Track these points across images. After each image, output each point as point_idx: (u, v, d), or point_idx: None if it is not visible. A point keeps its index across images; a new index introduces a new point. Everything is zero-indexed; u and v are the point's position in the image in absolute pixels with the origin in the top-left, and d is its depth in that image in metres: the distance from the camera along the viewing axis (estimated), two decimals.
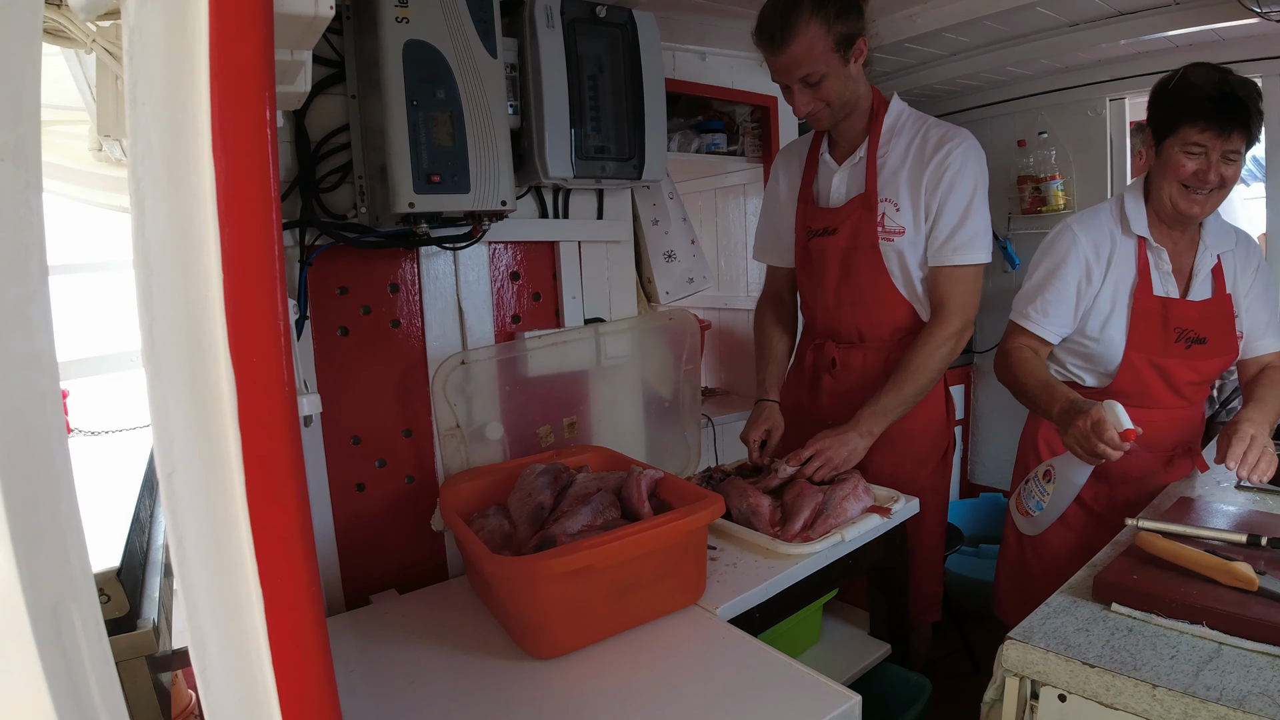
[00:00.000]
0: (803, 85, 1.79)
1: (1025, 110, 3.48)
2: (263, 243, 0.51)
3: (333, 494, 1.73)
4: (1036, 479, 1.69)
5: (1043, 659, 1.10)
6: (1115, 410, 1.44)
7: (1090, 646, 1.10)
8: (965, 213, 1.81)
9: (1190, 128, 1.60)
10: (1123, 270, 1.75)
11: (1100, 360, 1.79)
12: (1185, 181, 1.64)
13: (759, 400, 2.07)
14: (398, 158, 1.52)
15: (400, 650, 1.43)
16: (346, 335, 1.74)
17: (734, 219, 3.24)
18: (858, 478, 1.78)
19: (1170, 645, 1.10)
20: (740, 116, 2.92)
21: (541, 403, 1.94)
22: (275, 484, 0.53)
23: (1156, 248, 1.74)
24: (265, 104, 0.52)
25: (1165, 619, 1.15)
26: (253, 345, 0.51)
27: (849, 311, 1.96)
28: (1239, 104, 1.56)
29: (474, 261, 1.87)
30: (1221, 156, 1.60)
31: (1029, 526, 1.75)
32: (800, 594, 1.60)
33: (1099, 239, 1.77)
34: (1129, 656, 1.07)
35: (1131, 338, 1.73)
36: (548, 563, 1.24)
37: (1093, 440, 1.46)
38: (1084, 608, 1.22)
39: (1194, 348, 1.73)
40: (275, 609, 0.54)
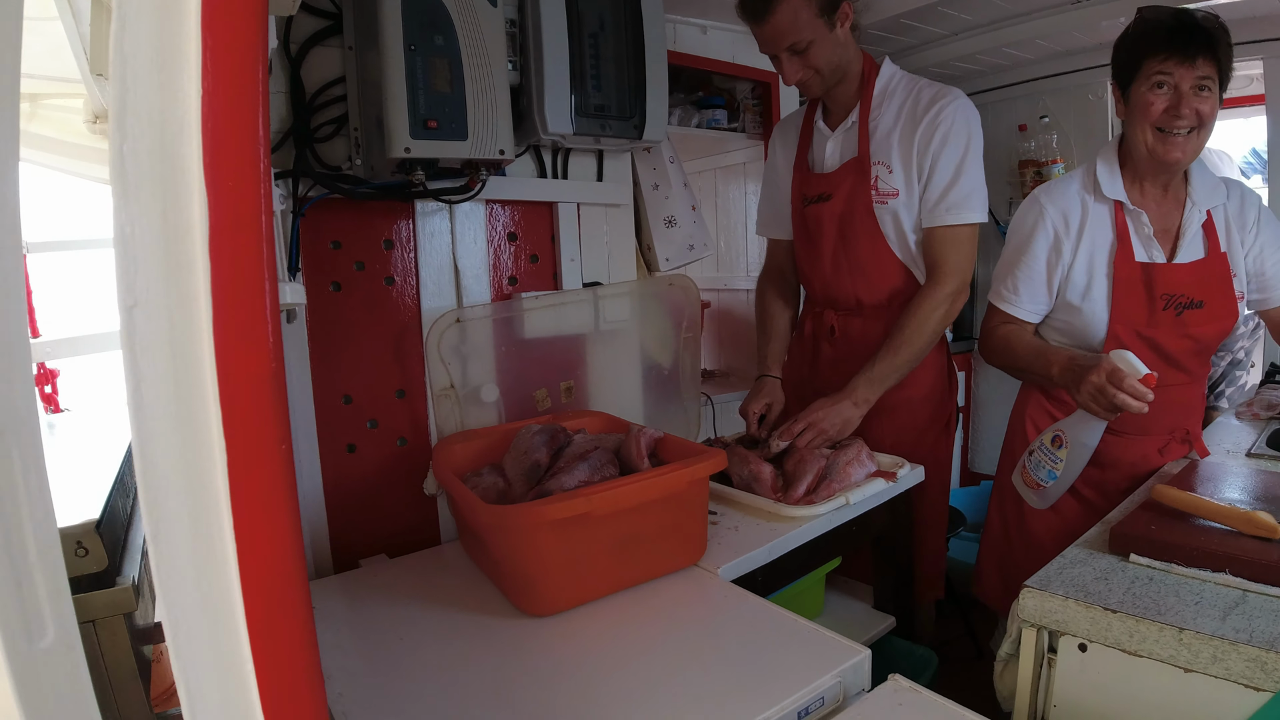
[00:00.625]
0: (790, 54, 1.76)
1: (1026, 95, 3.44)
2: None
3: (322, 454, 1.68)
4: (1044, 447, 1.59)
5: (1062, 606, 1.06)
6: (1127, 358, 1.36)
7: (1110, 594, 1.06)
8: (958, 170, 1.77)
9: (1152, 59, 1.51)
10: (1098, 238, 1.65)
11: (1083, 335, 1.69)
12: (1158, 124, 1.53)
13: (760, 375, 2.04)
14: (394, 102, 1.47)
15: (390, 609, 1.39)
16: (339, 291, 1.69)
17: (734, 199, 3.20)
18: (861, 443, 1.74)
19: (1193, 592, 1.06)
20: (741, 93, 2.88)
21: (538, 365, 1.90)
22: (248, 327, 0.48)
23: (1134, 210, 1.63)
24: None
25: (1186, 568, 1.11)
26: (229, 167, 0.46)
27: (846, 278, 1.93)
28: (1199, 29, 1.47)
29: (471, 220, 1.82)
30: (1192, 89, 1.49)
31: (1039, 499, 1.64)
32: (804, 558, 1.55)
33: (1068, 207, 1.68)
34: (1152, 603, 1.03)
35: (1115, 309, 1.63)
36: (543, 508, 1.19)
37: (1110, 392, 1.37)
38: (1101, 559, 1.18)
39: (1186, 314, 1.62)
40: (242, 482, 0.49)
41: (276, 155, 1.59)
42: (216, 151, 0.47)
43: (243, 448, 0.48)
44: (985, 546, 1.95)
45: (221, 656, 0.50)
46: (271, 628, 0.50)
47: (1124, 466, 1.69)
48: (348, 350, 1.71)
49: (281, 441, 0.51)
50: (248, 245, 0.48)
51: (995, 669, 1.21)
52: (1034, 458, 1.61)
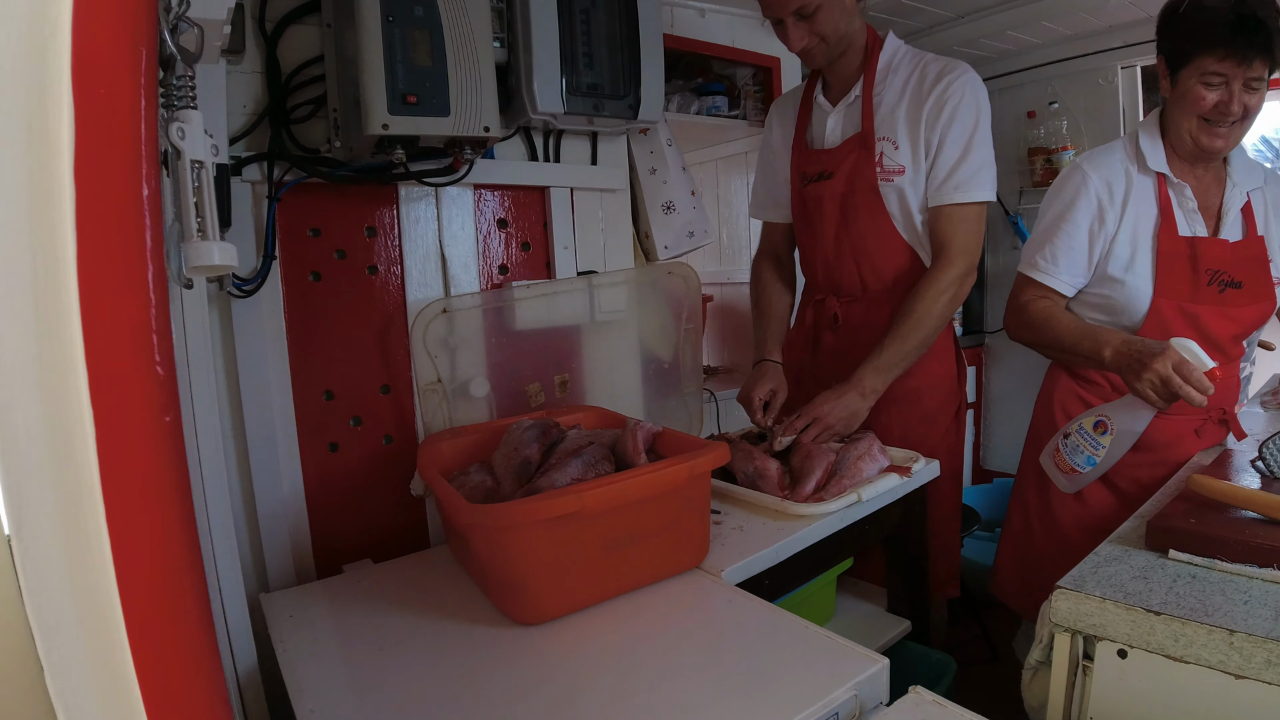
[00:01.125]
0: (796, 18, 1.68)
1: (1035, 81, 3.35)
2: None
3: (303, 453, 1.60)
4: (1084, 432, 1.51)
5: (1099, 609, 0.96)
6: (1191, 348, 1.30)
7: (1152, 594, 0.97)
8: (967, 147, 1.68)
9: (1207, 57, 1.45)
10: (1142, 210, 1.60)
11: (1124, 310, 1.62)
12: (1206, 115, 1.50)
13: (759, 361, 1.93)
14: (371, 76, 1.38)
15: (371, 616, 1.30)
16: (319, 281, 1.60)
17: (737, 189, 3.11)
18: (872, 437, 1.64)
19: (1241, 590, 0.96)
20: (742, 79, 2.79)
21: (531, 358, 1.80)
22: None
23: (1178, 184, 1.58)
24: None
25: (1231, 563, 1.02)
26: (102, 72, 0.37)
27: (850, 261, 1.83)
28: (1259, 26, 1.40)
29: (458, 206, 1.73)
30: (1244, 85, 1.45)
31: (1069, 484, 1.57)
32: (814, 560, 1.46)
33: (1112, 177, 1.62)
34: (1197, 603, 0.94)
35: (1159, 282, 1.57)
36: (530, 506, 1.10)
37: (1176, 383, 1.31)
38: (1137, 556, 1.08)
39: (1228, 292, 1.56)
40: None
41: (252, 137, 1.52)
42: (86, 54, 0.38)
43: (116, 420, 0.39)
44: (1004, 542, 1.86)
45: (103, 676, 0.41)
46: (159, 638, 0.41)
47: (1159, 449, 1.61)
48: (329, 344, 1.62)
49: (164, 412, 0.42)
50: (120, 169, 0.39)
51: (1024, 677, 1.12)
52: (1070, 441, 1.52)
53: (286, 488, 1.58)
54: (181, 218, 0.72)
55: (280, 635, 1.25)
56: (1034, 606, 1.68)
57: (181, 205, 0.72)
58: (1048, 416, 1.78)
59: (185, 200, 0.72)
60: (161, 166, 0.74)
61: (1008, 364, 3.60)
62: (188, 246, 0.71)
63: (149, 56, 0.45)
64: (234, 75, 1.49)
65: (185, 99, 0.78)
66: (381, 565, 1.53)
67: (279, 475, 1.57)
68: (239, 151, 1.50)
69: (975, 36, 2.97)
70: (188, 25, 0.82)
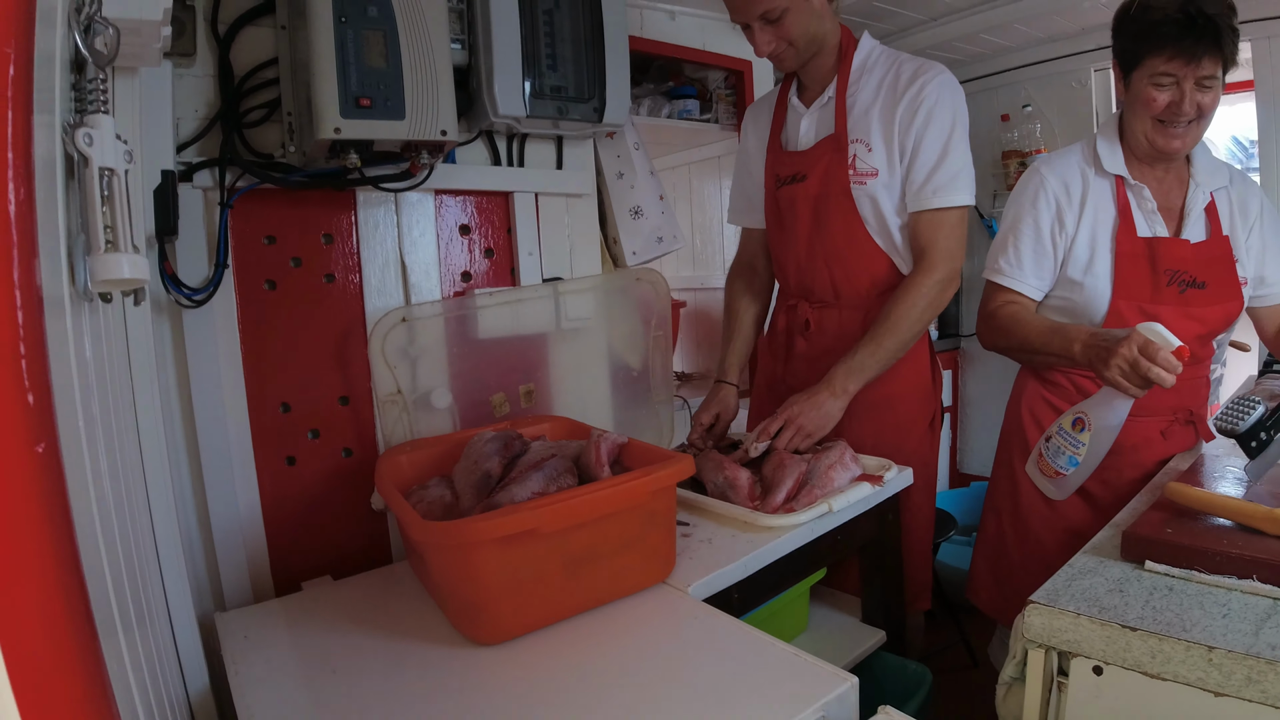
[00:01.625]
0: (763, 23, 1.65)
1: (1008, 84, 3.35)
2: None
3: (259, 468, 1.54)
4: (1064, 432, 1.47)
5: (1073, 625, 0.93)
6: (1157, 329, 1.27)
7: (1128, 608, 0.93)
8: (944, 150, 1.65)
9: (1155, 58, 1.45)
10: (1100, 212, 1.59)
11: (1084, 312, 1.61)
12: (1159, 116, 1.49)
13: (716, 381, 1.92)
14: (323, 79, 1.34)
15: (327, 636, 1.25)
16: (274, 290, 1.55)
17: (709, 194, 3.08)
18: (844, 446, 1.61)
19: (1219, 603, 0.93)
20: (713, 83, 2.76)
21: (495, 368, 1.75)
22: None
23: (1136, 185, 1.57)
24: None
25: (1209, 575, 0.99)
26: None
27: (822, 266, 1.80)
28: (1207, 24, 1.39)
29: (418, 212, 1.69)
30: (1195, 85, 1.44)
31: (1058, 490, 1.52)
32: (785, 572, 1.42)
33: (1069, 179, 1.62)
34: (1175, 617, 0.90)
35: (1117, 283, 1.56)
36: (484, 525, 1.05)
37: (1144, 365, 1.27)
38: (1113, 568, 1.05)
39: (1190, 292, 1.55)
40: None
41: (203, 142, 1.47)
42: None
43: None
44: (979, 548, 1.84)
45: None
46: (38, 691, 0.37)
47: (1126, 452, 1.58)
48: (285, 354, 1.56)
49: (34, 442, 0.38)
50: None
51: (998, 693, 1.08)
52: (1052, 444, 1.48)
53: (242, 503, 1.53)
54: (88, 229, 0.67)
55: (233, 656, 1.20)
56: (1009, 613, 1.65)
57: (88, 216, 0.67)
58: (1017, 422, 1.76)
59: (91, 210, 0.67)
60: (68, 176, 0.69)
61: (983, 368, 3.58)
62: (94, 259, 0.66)
63: (20, 62, 0.41)
64: (185, 79, 1.45)
65: (96, 104, 0.74)
66: (341, 582, 1.48)
67: (234, 491, 1.52)
68: (190, 157, 1.45)
69: (949, 39, 2.95)
70: (103, 26, 0.77)
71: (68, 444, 0.48)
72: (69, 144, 0.65)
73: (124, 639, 0.69)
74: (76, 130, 0.65)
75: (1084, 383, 1.64)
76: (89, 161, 0.66)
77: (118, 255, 0.64)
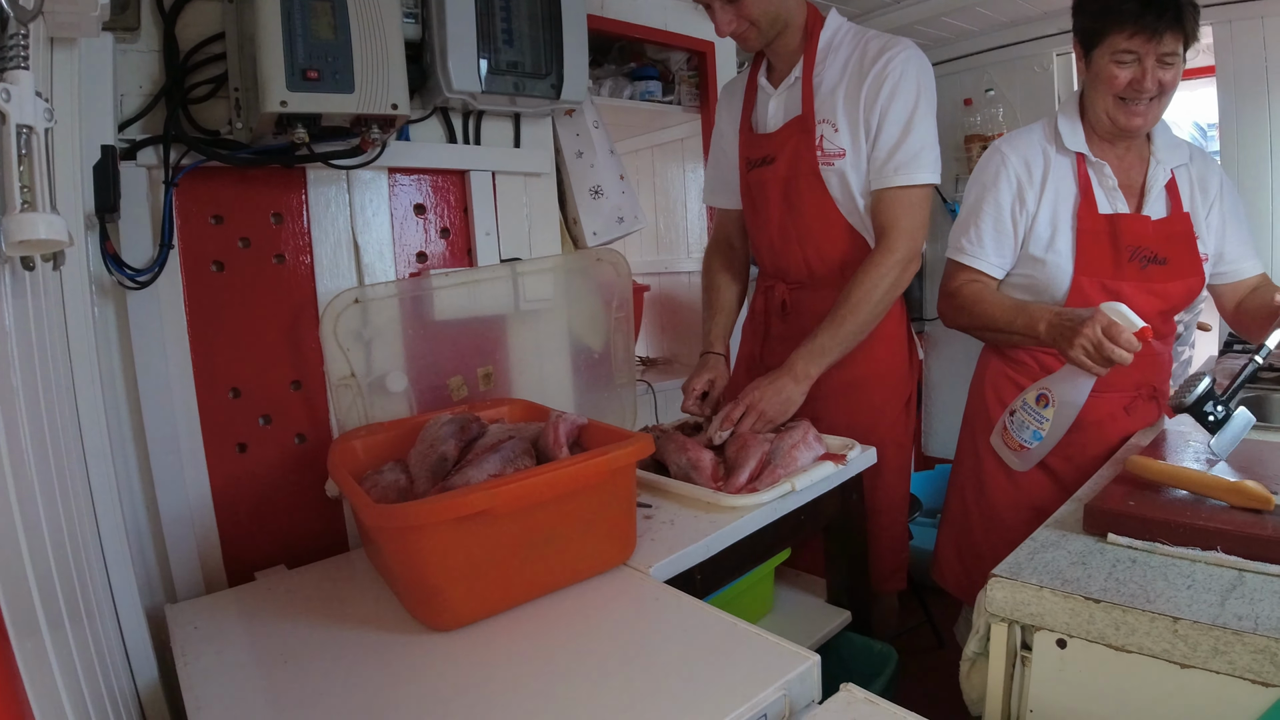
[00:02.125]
0: (723, 2, 1.62)
1: (971, 69, 3.36)
2: None
3: (209, 455, 1.49)
4: (1028, 406, 1.50)
5: (1036, 597, 0.92)
6: (1120, 310, 1.29)
7: (1091, 581, 0.93)
8: (907, 126, 1.63)
9: (1117, 34, 1.45)
10: (1061, 189, 1.60)
11: (1046, 289, 1.61)
12: (1120, 94, 1.50)
13: (704, 353, 1.89)
14: (269, 51, 1.29)
15: (280, 626, 1.21)
16: (222, 271, 1.50)
17: (673, 178, 3.05)
18: (807, 425, 1.59)
19: (1183, 575, 0.93)
20: (676, 64, 2.73)
21: (452, 350, 1.71)
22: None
23: (1097, 162, 1.58)
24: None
25: (1173, 546, 0.98)
26: None
27: (796, 246, 1.78)
28: (1168, 1, 1.41)
29: (371, 191, 1.64)
30: (1157, 61, 1.45)
31: (1020, 462, 1.57)
32: (748, 552, 1.40)
33: (1030, 157, 1.62)
34: (1139, 589, 0.90)
35: (1079, 260, 1.56)
36: (437, 506, 1.02)
37: (1108, 347, 1.29)
38: (1075, 540, 1.05)
39: (1151, 268, 1.56)
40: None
41: (147, 119, 1.42)
42: None
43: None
44: (944, 529, 1.84)
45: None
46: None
47: (1090, 427, 1.59)
48: (234, 338, 1.52)
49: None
50: None
51: (961, 669, 1.08)
52: (1016, 418, 1.51)
53: (192, 492, 1.48)
54: (3, 188, 0.63)
55: (183, 649, 1.16)
56: (974, 592, 1.65)
57: (4, 174, 0.63)
58: (980, 400, 1.77)
59: (8, 168, 0.63)
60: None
61: (947, 350, 3.59)
62: (9, 219, 0.62)
63: None
64: (128, 54, 1.39)
65: (16, 59, 0.69)
66: (296, 571, 1.44)
67: (183, 479, 1.47)
68: (134, 135, 1.39)
69: (911, 22, 2.95)
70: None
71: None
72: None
73: (50, 636, 0.65)
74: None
75: (1048, 360, 1.64)
76: (5, 118, 0.62)
77: (33, 215, 0.60)
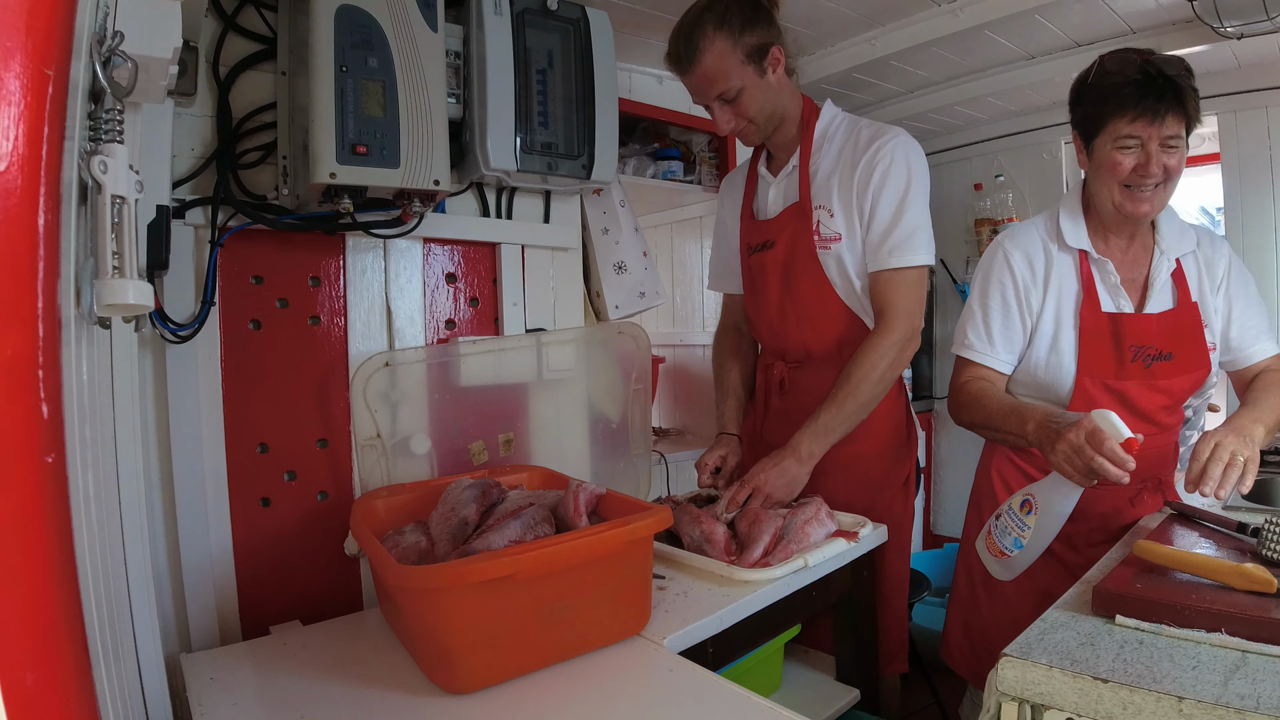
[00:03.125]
0: (721, 103, 1.72)
1: (981, 155, 3.47)
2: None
3: (233, 508, 1.53)
4: (1011, 511, 1.46)
5: (1046, 677, 0.94)
6: (1109, 418, 1.24)
7: (1099, 661, 0.94)
8: (899, 209, 1.69)
9: (1118, 120, 1.45)
10: (1064, 287, 1.60)
11: (1050, 388, 1.61)
12: (1125, 181, 1.49)
13: (719, 434, 1.95)
14: (321, 125, 1.37)
15: (295, 682, 1.23)
16: (259, 329, 1.56)
17: (690, 253, 3.14)
18: (819, 502, 1.62)
19: (1189, 656, 0.95)
20: (698, 145, 2.84)
21: (475, 416, 1.76)
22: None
23: (1099, 259, 1.58)
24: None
25: (1179, 629, 1.00)
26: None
27: (794, 327, 1.84)
28: (1168, 83, 1.41)
29: (406, 259, 1.71)
30: (1160, 146, 1.44)
31: (1003, 570, 1.50)
32: (759, 627, 1.42)
33: (1032, 253, 1.63)
34: (1145, 669, 0.92)
35: (1082, 360, 1.56)
36: (461, 569, 1.05)
37: (1089, 454, 1.25)
38: (1084, 622, 1.06)
39: (1156, 365, 1.55)
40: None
41: (198, 181, 1.50)
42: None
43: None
44: (952, 609, 1.83)
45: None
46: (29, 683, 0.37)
47: (1095, 519, 1.59)
48: (266, 395, 1.57)
49: (46, 452, 0.39)
50: (14, 195, 0.36)
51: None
52: (1000, 522, 1.47)
53: (214, 542, 1.51)
54: (97, 253, 0.68)
55: (199, 699, 1.18)
56: (981, 673, 1.65)
57: (98, 241, 0.69)
58: (986, 481, 1.78)
59: (102, 236, 0.68)
60: (81, 201, 0.71)
61: (956, 430, 3.61)
62: (101, 283, 0.67)
63: (59, 84, 0.43)
64: (184, 118, 1.48)
65: (112, 133, 0.76)
66: (310, 627, 1.46)
67: (207, 529, 1.50)
68: (184, 194, 1.47)
69: (923, 111, 3.06)
70: (122, 59, 0.79)
71: (70, 462, 0.49)
72: (84, 170, 0.67)
73: (104, 671, 0.69)
74: (92, 158, 0.67)
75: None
76: (102, 188, 0.67)
77: (124, 281, 0.66)
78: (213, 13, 1.49)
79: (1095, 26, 2.35)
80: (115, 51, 0.78)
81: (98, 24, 0.77)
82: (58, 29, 0.43)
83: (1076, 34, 2.41)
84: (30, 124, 0.41)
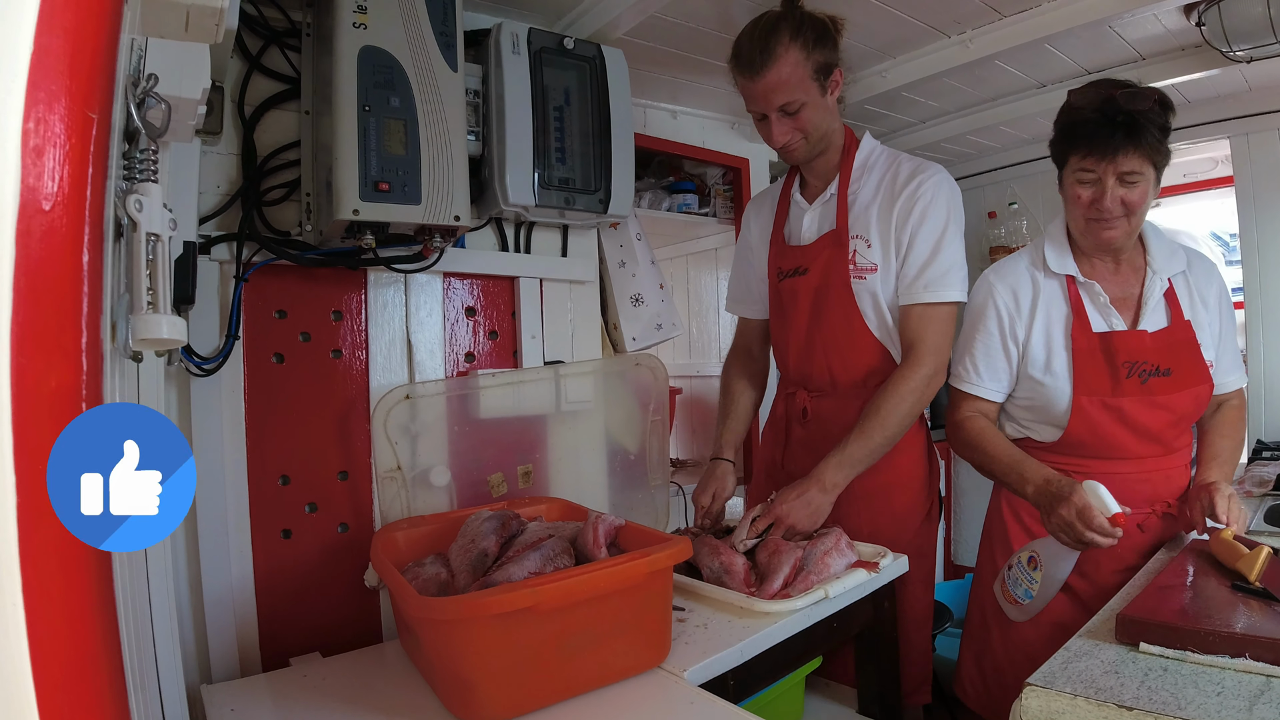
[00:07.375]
0: (781, 114, 1.71)
1: (995, 183, 3.48)
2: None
3: (255, 539, 1.55)
4: (1021, 565, 1.53)
5: (1070, 706, 0.93)
6: (1098, 492, 1.33)
7: (1124, 689, 0.94)
8: (937, 246, 1.70)
9: (1075, 154, 1.50)
10: (1053, 312, 1.63)
11: (1047, 409, 1.63)
12: (1085, 213, 1.53)
13: (712, 458, 1.93)
14: (344, 162, 1.41)
15: (314, 714, 1.23)
16: (282, 363, 1.59)
17: (706, 284, 3.16)
18: (839, 532, 1.61)
19: (1213, 682, 0.94)
20: (712, 178, 2.87)
21: (494, 448, 1.77)
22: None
23: (1086, 283, 1.60)
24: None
25: (1202, 655, 1.00)
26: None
27: (820, 355, 1.84)
28: (1125, 120, 1.43)
29: (426, 293, 1.74)
30: (1117, 180, 1.47)
31: (1019, 614, 1.56)
32: (780, 659, 1.41)
33: (1017, 285, 1.66)
34: (1170, 697, 0.91)
35: (1077, 380, 1.58)
36: (482, 601, 1.06)
37: (1079, 529, 1.34)
38: (1108, 650, 1.06)
39: (1153, 381, 1.56)
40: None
41: (223, 217, 1.54)
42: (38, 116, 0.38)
43: (37, 486, 0.37)
44: (966, 643, 1.82)
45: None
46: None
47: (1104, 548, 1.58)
48: (288, 427, 1.59)
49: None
50: (60, 232, 0.38)
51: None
52: (1012, 573, 1.55)
53: (235, 574, 1.53)
54: (132, 289, 0.71)
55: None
56: (993, 707, 1.64)
57: (133, 277, 0.71)
58: (998, 514, 1.78)
59: (137, 272, 0.71)
60: (116, 237, 0.73)
61: None
62: (136, 318, 0.69)
63: (101, 126, 0.45)
64: (209, 155, 1.52)
65: (146, 172, 0.78)
66: (330, 659, 1.46)
67: (228, 560, 1.52)
68: (210, 231, 1.51)
69: (936, 140, 3.08)
70: (155, 101, 0.82)
71: None
72: (120, 209, 0.69)
73: (134, 700, 0.70)
74: (128, 196, 0.69)
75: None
76: (138, 226, 0.70)
77: (158, 316, 0.68)
78: (238, 53, 1.54)
79: (1105, 55, 2.37)
80: (150, 93, 0.81)
81: (132, 66, 0.79)
82: (100, 72, 0.45)
83: (1086, 62, 2.43)
84: (74, 165, 0.43)
